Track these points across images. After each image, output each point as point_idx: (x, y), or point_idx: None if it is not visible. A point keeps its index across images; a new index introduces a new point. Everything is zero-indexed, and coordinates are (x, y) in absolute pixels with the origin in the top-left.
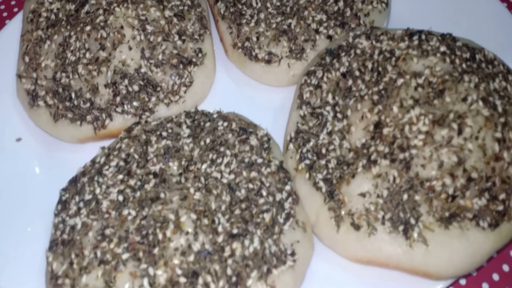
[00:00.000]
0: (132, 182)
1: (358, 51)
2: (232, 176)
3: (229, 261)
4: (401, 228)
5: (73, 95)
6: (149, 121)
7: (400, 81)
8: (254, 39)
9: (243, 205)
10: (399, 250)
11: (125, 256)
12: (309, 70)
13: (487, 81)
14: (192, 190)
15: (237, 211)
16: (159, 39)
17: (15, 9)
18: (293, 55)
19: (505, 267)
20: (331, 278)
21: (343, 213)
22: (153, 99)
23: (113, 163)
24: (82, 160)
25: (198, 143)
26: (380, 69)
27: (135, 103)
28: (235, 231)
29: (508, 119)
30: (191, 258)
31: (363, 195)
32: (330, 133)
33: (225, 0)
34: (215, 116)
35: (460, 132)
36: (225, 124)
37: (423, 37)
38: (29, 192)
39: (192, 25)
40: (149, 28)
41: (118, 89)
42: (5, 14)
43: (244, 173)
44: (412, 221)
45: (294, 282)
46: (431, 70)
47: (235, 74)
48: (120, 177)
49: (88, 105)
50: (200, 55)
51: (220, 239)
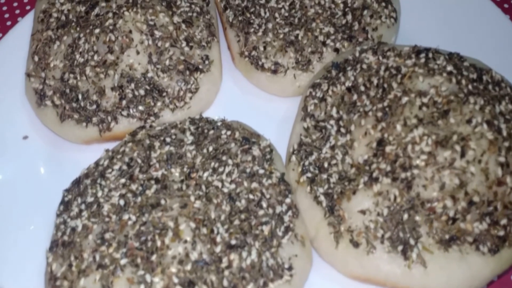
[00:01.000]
0: (133, 187)
1: (364, 66)
2: (233, 186)
3: (226, 272)
4: (400, 248)
5: (80, 96)
6: (153, 126)
7: (405, 99)
8: (261, 48)
9: (243, 216)
10: (397, 270)
11: (123, 261)
12: (314, 82)
13: (493, 103)
14: (192, 198)
15: (236, 222)
16: (167, 44)
17: (28, 7)
18: (299, 66)
19: None
20: None
21: (342, 229)
22: (159, 104)
23: (116, 167)
24: (86, 161)
25: (201, 150)
26: (386, 85)
27: (140, 107)
28: (233, 242)
29: None
30: (188, 267)
31: (363, 212)
32: (333, 147)
33: (233, 8)
34: (219, 124)
35: (463, 154)
36: (229, 133)
37: (430, 55)
38: (33, 190)
39: (200, 32)
40: (157, 34)
41: (125, 92)
42: (17, 12)
43: (245, 184)
44: (412, 241)
45: None
46: (436, 90)
47: (241, 83)
48: (122, 181)
49: (94, 107)
50: (207, 62)
51: (218, 249)
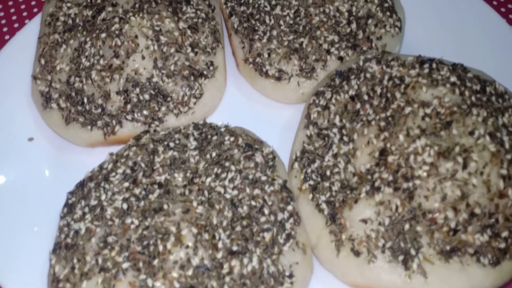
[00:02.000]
0: (137, 191)
1: (368, 75)
2: (235, 192)
3: (227, 278)
4: (401, 258)
5: (85, 100)
6: (157, 130)
7: (408, 109)
8: (266, 55)
9: (244, 222)
10: (397, 280)
11: (125, 265)
12: (318, 90)
13: (496, 115)
14: (195, 204)
15: (238, 228)
16: (172, 50)
17: (35, 10)
18: (303, 74)
19: None
20: None
21: (343, 237)
22: (163, 108)
23: (119, 170)
24: (91, 164)
25: (204, 156)
26: (389, 95)
27: (145, 112)
28: (234, 248)
29: None
30: (190, 272)
31: (364, 221)
32: (335, 156)
33: (239, 15)
34: (222, 130)
35: (465, 166)
36: (232, 139)
37: (433, 65)
38: (37, 191)
39: (205, 38)
40: (162, 39)
41: (130, 97)
42: (24, 14)
43: (248, 190)
44: (413, 252)
45: None
46: (439, 101)
47: (245, 89)
48: (126, 184)
49: (99, 110)
50: (211, 68)
51: (219, 255)
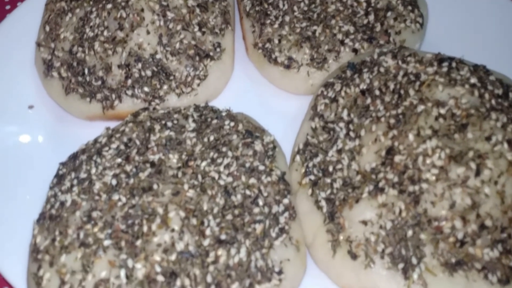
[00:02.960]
0: (128, 168)
1: (382, 70)
2: (230, 179)
3: (211, 267)
4: (401, 266)
5: (86, 71)
6: (157, 109)
7: (421, 107)
8: (276, 41)
9: (236, 211)
10: None
11: (106, 242)
12: (327, 81)
13: None
14: (186, 187)
15: (229, 217)
16: (179, 27)
17: None
18: (314, 64)
19: None
20: None
21: (341, 238)
22: (165, 87)
23: (113, 146)
24: (88, 137)
25: (202, 139)
26: (402, 92)
27: (146, 89)
28: (223, 237)
29: None
30: (173, 257)
31: (364, 223)
32: (339, 151)
33: None
34: (223, 114)
35: (478, 173)
36: (232, 124)
37: (453, 64)
38: (32, 160)
39: (214, 18)
40: (169, 15)
41: (131, 71)
42: None
43: (243, 178)
44: (414, 260)
45: None
46: (456, 101)
47: (253, 75)
48: (118, 160)
49: (99, 83)
50: (218, 49)
51: (206, 242)
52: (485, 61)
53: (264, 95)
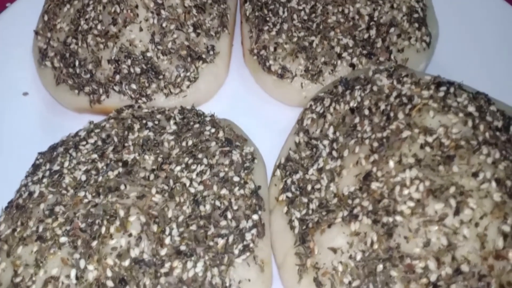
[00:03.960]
0: (100, 165)
1: (375, 88)
2: (201, 188)
3: (163, 279)
4: None
5: (77, 63)
6: (142, 107)
7: (407, 133)
8: (271, 49)
9: (202, 222)
10: None
11: (63, 239)
12: (317, 95)
13: None
14: (153, 191)
15: (193, 227)
16: (172, 26)
17: None
18: (308, 76)
19: None
20: None
21: (308, 263)
22: (153, 86)
23: (91, 141)
24: (76, 128)
25: (180, 142)
26: (392, 114)
27: (133, 86)
28: (182, 248)
29: None
30: (126, 263)
31: (334, 250)
32: (320, 170)
33: (253, 2)
34: (207, 119)
35: (457, 211)
36: (213, 130)
37: (451, 90)
38: (17, 146)
39: (211, 21)
40: (164, 13)
41: (120, 67)
42: None
43: (215, 188)
44: None
45: None
46: (446, 130)
47: (248, 82)
48: (94, 156)
49: (88, 76)
50: (212, 52)
51: (163, 252)
52: (497, 89)
53: (256, 103)
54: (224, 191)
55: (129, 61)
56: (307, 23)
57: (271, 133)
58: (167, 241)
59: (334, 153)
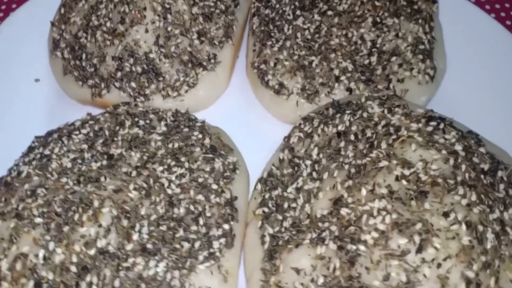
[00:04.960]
0: (87, 155)
1: (365, 115)
2: (178, 190)
3: (122, 273)
4: None
5: (84, 56)
6: (138, 105)
7: (384, 163)
8: (271, 64)
9: (172, 224)
10: None
11: (38, 220)
12: (308, 115)
13: (492, 206)
14: (131, 187)
15: (163, 227)
16: (177, 31)
17: None
18: (304, 95)
19: None
20: None
21: (272, 281)
22: (152, 86)
23: (84, 131)
24: (77, 118)
25: (167, 144)
26: (376, 142)
27: (133, 84)
28: (148, 246)
29: (494, 262)
30: (91, 252)
31: (297, 271)
32: (298, 190)
33: (261, 17)
34: (198, 124)
35: (420, 249)
36: (200, 136)
37: (441, 125)
38: (24, 128)
39: (216, 30)
40: (170, 18)
41: (123, 65)
42: None
43: (192, 192)
44: None
45: None
46: (425, 165)
47: (248, 94)
48: (84, 146)
49: (92, 70)
50: (213, 61)
51: (129, 247)
52: (501, 131)
53: (253, 116)
54: (200, 197)
55: (131, 60)
56: (309, 42)
57: (262, 147)
58: (135, 237)
59: (315, 174)
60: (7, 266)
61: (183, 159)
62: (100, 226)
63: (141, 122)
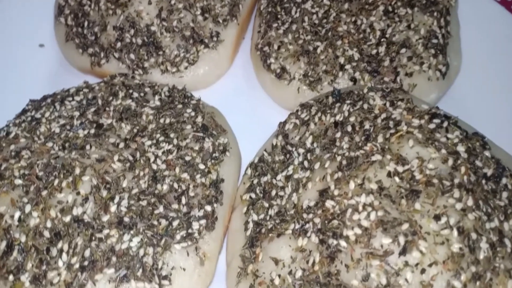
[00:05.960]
0: (76, 122)
1: (365, 106)
2: (163, 166)
3: (94, 244)
4: None
5: (86, 24)
6: (135, 78)
7: (377, 157)
8: (275, 47)
9: (153, 200)
10: None
11: (18, 181)
12: (307, 102)
13: (491, 214)
14: (115, 158)
15: (143, 202)
16: (180, 5)
17: None
18: (306, 81)
19: None
20: None
21: (249, 269)
22: (151, 60)
23: (77, 98)
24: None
25: (158, 119)
26: (373, 136)
27: (132, 56)
28: (125, 219)
29: (486, 274)
30: (67, 219)
31: (276, 261)
32: (288, 178)
33: None
34: (193, 102)
35: (403, 251)
36: (192, 113)
37: (444, 124)
38: (24, 92)
39: (221, 8)
40: None
41: (123, 35)
42: None
43: (177, 170)
44: None
45: None
46: (421, 164)
47: (250, 78)
48: (75, 113)
49: (93, 38)
50: (215, 39)
51: (105, 218)
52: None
53: (253, 100)
54: (185, 175)
55: (132, 31)
56: (316, 27)
57: (259, 132)
58: (113, 209)
59: (306, 163)
60: None
61: (172, 135)
62: (78, 194)
63: (135, 95)
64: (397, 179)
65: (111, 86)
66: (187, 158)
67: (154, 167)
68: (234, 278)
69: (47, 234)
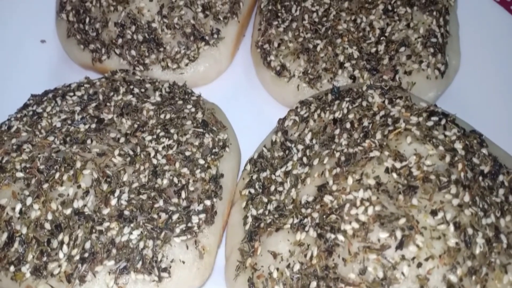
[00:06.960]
0: (77, 117)
1: (364, 104)
2: (163, 161)
3: (94, 236)
4: None
5: (87, 20)
6: (136, 74)
7: (375, 153)
8: (275, 44)
9: (153, 194)
10: None
11: (19, 174)
12: (306, 99)
13: (487, 210)
14: (116, 152)
15: (143, 196)
16: (181, 2)
17: None
18: (306, 79)
19: None
20: None
21: (248, 262)
22: (152, 56)
23: (78, 93)
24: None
25: (159, 114)
26: (371, 132)
27: (133, 52)
28: (125, 212)
29: (482, 269)
30: (67, 212)
31: (274, 255)
32: (286, 174)
33: None
34: (193, 98)
35: (400, 245)
36: (193, 109)
37: (442, 121)
38: (25, 87)
39: (222, 5)
40: None
41: (124, 32)
42: None
43: (177, 165)
44: None
45: None
46: (418, 160)
47: (251, 75)
48: (76, 108)
49: (94, 34)
50: (216, 36)
51: (105, 211)
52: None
53: (253, 97)
54: (185, 170)
55: (133, 28)
56: (316, 25)
57: (258, 129)
58: (113, 202)
59: (305, 159)
60: None
61: (172, 130)
62: (79, 187)
63: (136, 90)
64: (394, 175)
65: (112, 81)
66: (187, 153)
67: (154, 161)
68: (233, 271)
69: (48, 226)
